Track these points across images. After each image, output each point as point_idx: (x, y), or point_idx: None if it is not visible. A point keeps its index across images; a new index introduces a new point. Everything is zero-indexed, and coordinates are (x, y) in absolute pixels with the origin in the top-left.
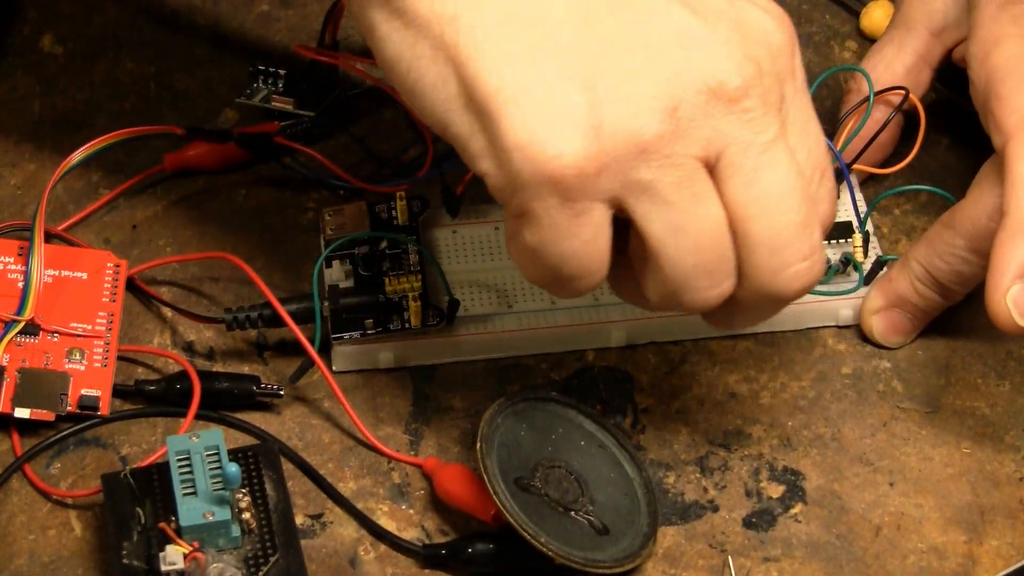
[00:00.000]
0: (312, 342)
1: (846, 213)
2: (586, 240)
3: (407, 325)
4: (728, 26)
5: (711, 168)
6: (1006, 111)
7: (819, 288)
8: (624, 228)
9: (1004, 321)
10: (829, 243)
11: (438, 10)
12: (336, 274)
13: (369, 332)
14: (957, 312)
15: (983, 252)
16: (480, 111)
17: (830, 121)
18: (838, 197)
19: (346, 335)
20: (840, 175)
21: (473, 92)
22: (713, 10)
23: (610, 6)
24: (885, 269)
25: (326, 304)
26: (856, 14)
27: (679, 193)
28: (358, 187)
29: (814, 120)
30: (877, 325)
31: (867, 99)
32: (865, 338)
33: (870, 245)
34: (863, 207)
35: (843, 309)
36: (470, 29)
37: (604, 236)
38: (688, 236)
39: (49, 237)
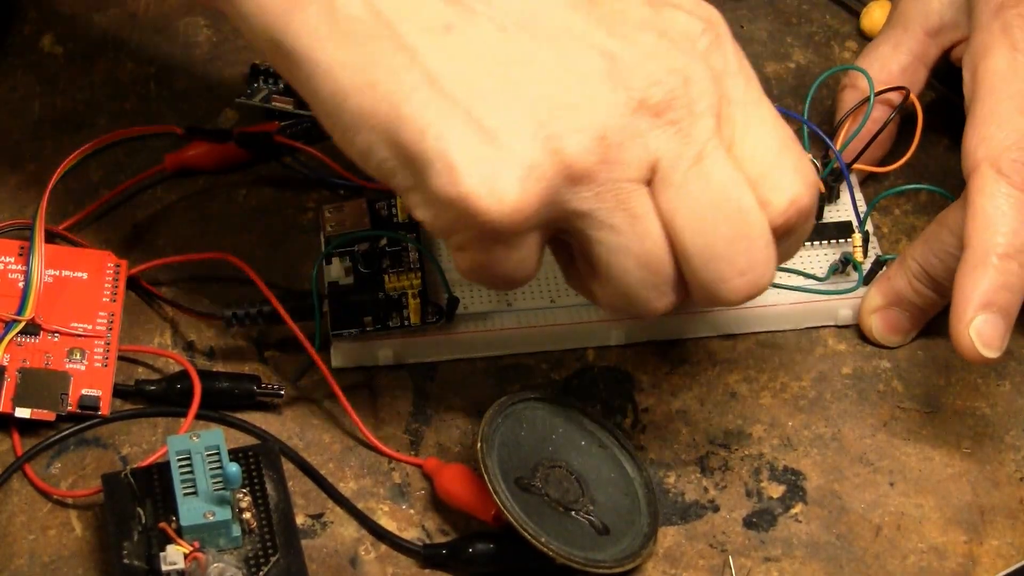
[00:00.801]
0: (312, 340)
1: (846, 213)
2: (519, 260)
3: (406, 322)
4: (650, 37)
5: (649, 182)
6: (976, 138)
7: (819, 287)
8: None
9: (968, 351)
10: (829, 243)
11: (344, 80)
12: (336, 271)
13: (368, 329)
14: None
15: None
16: (412, 168)
17: (829, 120)
18: (838, 197)
19: (345, 332)
20: (840, 175)
21: (401, 150)
22: (634, 23)
23: (526, 41)
24: (884, 268)
25: (325, 301)
26: (856, 14)
27: (616, 216)
28: (358, 186)
29: (763, 107)
30: (876, 324)
31: (867, 99)
32: (865, 338)
33: (869, 245)
34: (863, 207)
35: (843, 309)
36: (386, 95)
37: (536, 252)
38: (629, 255)
39: (49, 237)
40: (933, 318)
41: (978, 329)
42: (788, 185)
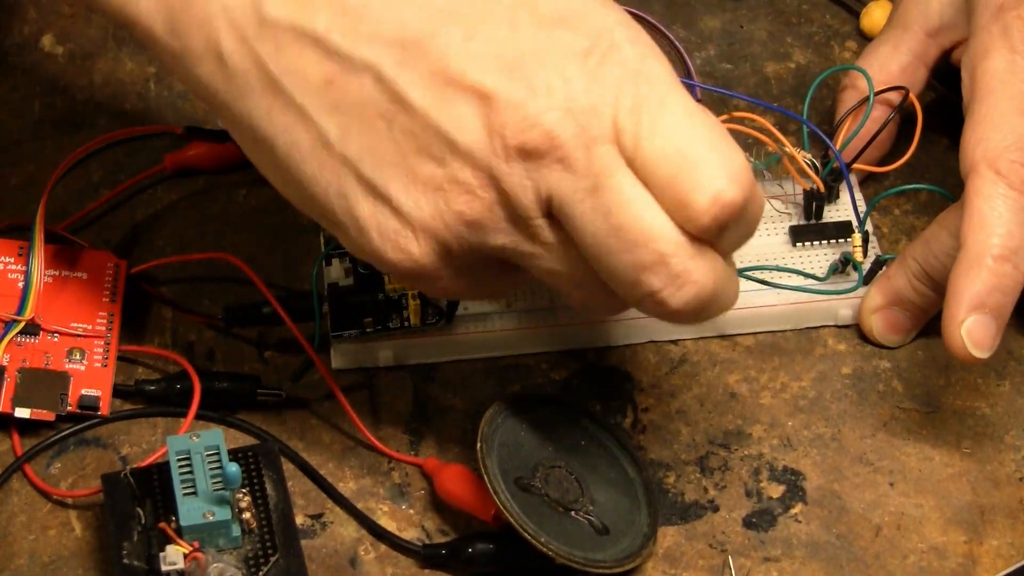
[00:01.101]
0: (312, 341)
1: (846, 213)
2: (468, 285)
3: (406, 323)
4: (531, 71)
5: (556, 215)
6: (974, 139)
7: (819, 287)
8: None
9: (959, 351)
10: (829, 243)
11: (250, 132)
12: (335, 272)
13: (368, 330)
14: None
15: None
16: (322, 218)
17: (829, 120)
18: (838, 197)
19: (345, 333)
20: (840, 175)
21: (309, 203)
22: (516, 54)
23: (408, 86)
24: (884, 268)
25: (325, 302)
26: (856, 14)
27: (532, 247)
28: None
29: (671, 106)
30: (877, 324)
31: (867, 98)
32: (865, 338)
33: (869, 245)
34: (863, 207)
35: (842, 309)
36: (286, 154)
37: (484, 274)
38: (559, 277)
39: (49, 237)
40: (933, 318)
41: (969, 329)
42: (708, 183)
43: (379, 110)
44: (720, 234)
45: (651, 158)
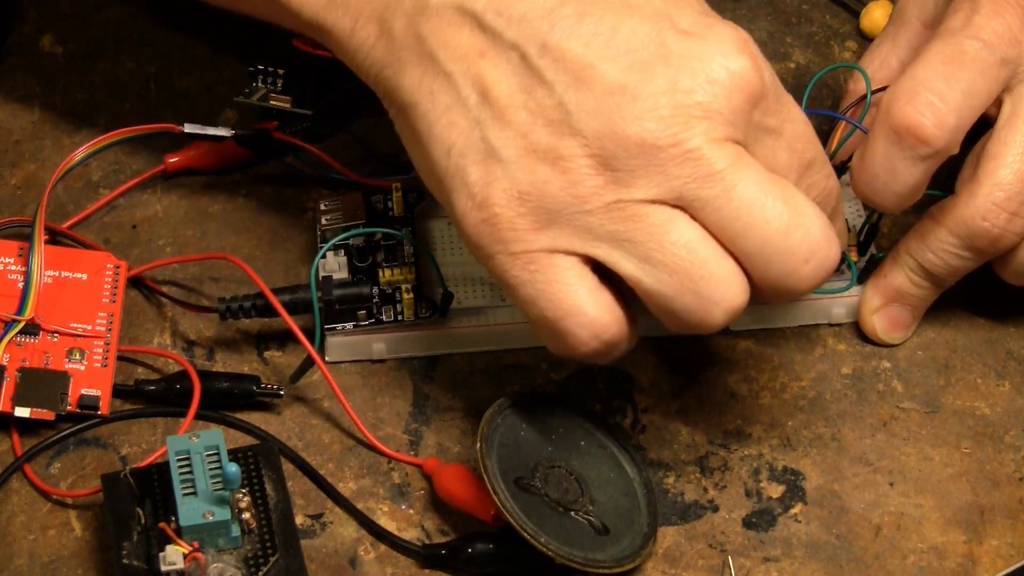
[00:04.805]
0: (312, 340)
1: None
2: (544, 281)
3: (400, 317)
4: (667, 76)
5: (678, 206)
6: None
7: None
8: None
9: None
10: None
11: (399, 99)
12: (330, 265)
13: (362, 323)
14: (957, 311)
15: (976, 249)
16: (440, 187)
17: (828, 119)
18: None
19: (339, 326)
20: (838, 171)
21: (434, 172)
22: (654, 55)
23: (547, 65)
24: (877, 267)
25: (319, 295)
26: (856, 14)
27: (632, 231)
28: (358, 183)
29: (792, 120)
30: (879, 323)
31: (864, 97)
32: (865, 338)
33: (869, 245)
34: (861, 206)
35: (836, 307)
36: (423, 115)
37: (570, 277)
38: (656, 264)
39: (50, 237)
40: (933, 317)
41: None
42: (814, 192)
43: (520, 83)
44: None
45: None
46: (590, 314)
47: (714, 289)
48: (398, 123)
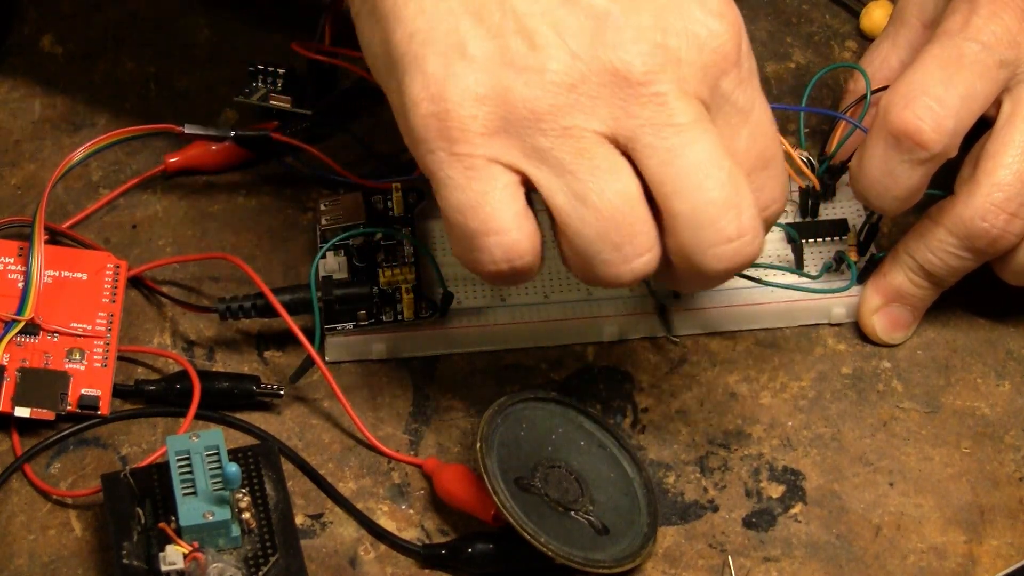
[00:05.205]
0: (312, 340)
1: (841, 211)
2: (479, 191)
3: (400, 317)
4: (652, 14)
5: (625, 147)
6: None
7: (812, 286)
8: None
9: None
10: (825, 241)
11: None
12: (330, 264)
13: (362, 323)
14: (957, 311)
15: (975, 250)
16: (394, 68)
17: (827, 119)
18: (834, 194)
19: (339, 326)
20: (836, 172)
21: (390, 50)
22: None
23: None
24: (877, 267)
25: (319, 295)
26: (856, 14)
27: (578, 164)
28: (358, 184)
29: (759, 110)
30: (879, 323)
31: (864, 97)
32: (865, 338)
33: (869, 245)
34: (861, 206)
35: (836, 307)
36: None
37: (504, 193)
38: (589, 206)
39: (50, 237)
40: (933, 317)
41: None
42: (761, 196)
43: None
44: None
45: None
46: (512, 237)
47: (634, 248)
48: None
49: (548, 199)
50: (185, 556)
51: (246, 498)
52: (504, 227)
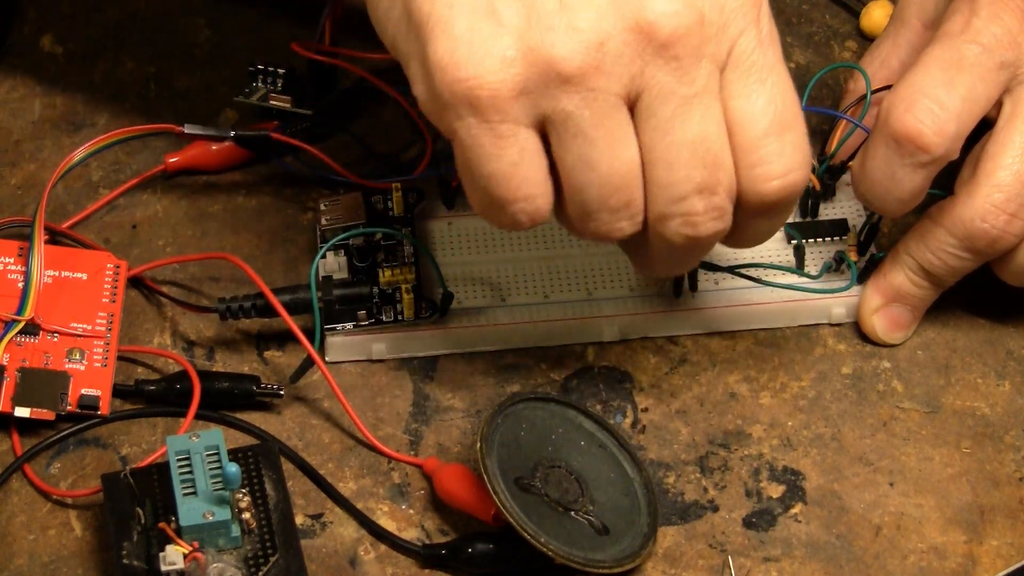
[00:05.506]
0: (312, 340)
1: (841, 211)
2: (510, 162)
3: (400, 317)
4: None
5: (631, 105)
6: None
7: (812, 286)
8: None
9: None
10: (825, 241)
11: None
12: (330, 265)
13: (362, 323)
14: (957, 311)
15: (975, 250)
16: (416, 33)
17: (827, 119)
18: (834, 194)
19: (339, 326)
20: (836, 172)
21: (411, 14)
22: None
23: None
24: (877, 267)
25: (319, 295)
26: (856, 14)
27: (596, 129)
28: (358, 184)
29: (779, 74)
30: (880, 323)
31: (863, 97)
32: (865, 338)
33: (869, 245)
34: (862, 207)
35: (836, 307)
36: None
37: (532, 160)
38: (596, 172)
39: (50, 237)
40: (933, 317)
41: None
42: (781, 160)
43: None
44: (765, 215)
45: (741, 114)
46: (538, 203)
47: (625, 214)
48: None
49: (558, 157)
50: (185, 556)
51: (246, 498)
52: (531, 194)
